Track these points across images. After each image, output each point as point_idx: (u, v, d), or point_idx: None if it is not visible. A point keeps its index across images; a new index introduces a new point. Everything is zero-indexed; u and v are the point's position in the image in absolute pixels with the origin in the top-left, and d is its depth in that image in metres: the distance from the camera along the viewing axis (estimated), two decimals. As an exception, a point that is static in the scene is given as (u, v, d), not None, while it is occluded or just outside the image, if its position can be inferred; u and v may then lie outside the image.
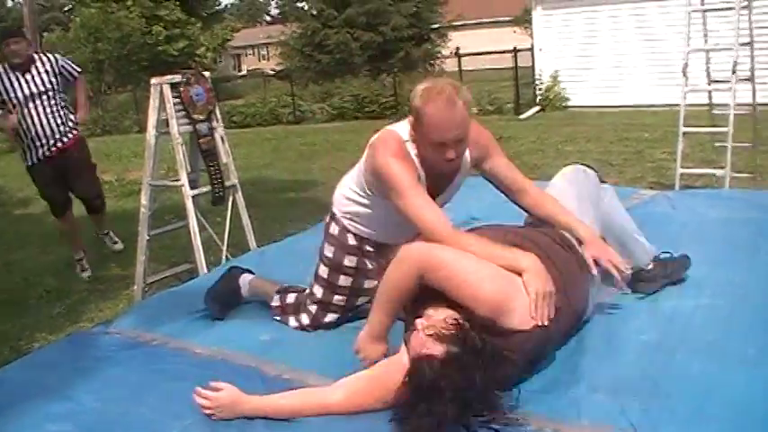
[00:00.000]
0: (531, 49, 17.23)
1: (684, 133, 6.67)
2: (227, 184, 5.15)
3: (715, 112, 7.13)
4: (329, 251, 3.31)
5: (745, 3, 6.42)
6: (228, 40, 36.34)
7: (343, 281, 3.30)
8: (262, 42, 52.05)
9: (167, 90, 4.76)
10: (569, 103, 16.38)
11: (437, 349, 2.35)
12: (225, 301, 3.64)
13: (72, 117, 5.98)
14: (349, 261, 3.28)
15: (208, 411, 2.60)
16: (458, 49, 30.78)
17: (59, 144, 5.85)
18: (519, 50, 18.00)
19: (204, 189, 5.08)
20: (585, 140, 11.54)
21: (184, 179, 4.88)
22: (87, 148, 6.23)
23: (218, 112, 5.12)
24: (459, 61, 30.88)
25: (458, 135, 2.80)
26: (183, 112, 4.85)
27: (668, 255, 3.41)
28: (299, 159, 12.49)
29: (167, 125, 4.84)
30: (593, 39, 15.84)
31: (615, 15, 15.48)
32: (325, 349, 3.17)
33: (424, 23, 27.54)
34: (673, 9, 13.01)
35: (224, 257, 5.11)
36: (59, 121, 5.84)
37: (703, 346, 2.82)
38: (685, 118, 6.65)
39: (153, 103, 4.84)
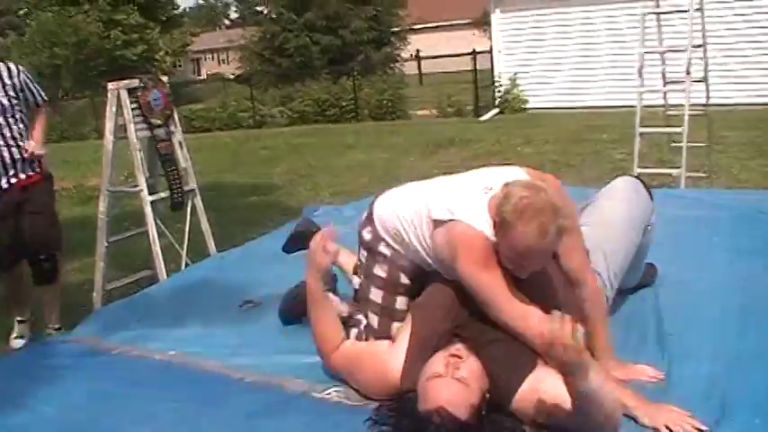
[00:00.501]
0: (491, 52, 17.33)
1: (641, 134, 6.75)
2: (186, 188, 5.11)
3: (670, 112, 7.23)
4: (382, 270, 2.96)
5: (698, 5, 6.53)
6: (188, 44, 36.09)
7: (400, 303, 2.94)
8: (221, 47, 51.83)
9: (125, 95, 4.72)
10: (528, 106, 16.50)
11: (462, 415, 2.27)
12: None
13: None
14: (405, 279, 2.94)
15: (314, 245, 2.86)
16: (418, 51, 30.97)
17: (20, 176, 4.39)
18: (478, 53, 18.10)
19: (163, 194, 5.04)
20: (544, 142, 11.63)
21: (143, 184, 4.84)
22: (52, 189, 4.78)
23: (176, 116, 5.08)
24: (419, 64, 31.07)
25: (539, 264, 2.55)
26: (141, 117, 4.81)
27: None
28: (260, 163, 12.44)
29: (125, 130, 4.80)
30: (552, 41, 15.95)
31: (576, 18, 15.61)
32: (285, 349, 3.17)
33: (383, 27, 27.62)
34: (635, 11, 13.16)
35: (183, 263, 5.08)
36: (18, 151, 4.39)
37: (663, 341, 2.87)
38: (642, 119, 6.74)
39: (110, 108, 4.80)
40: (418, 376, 2.43)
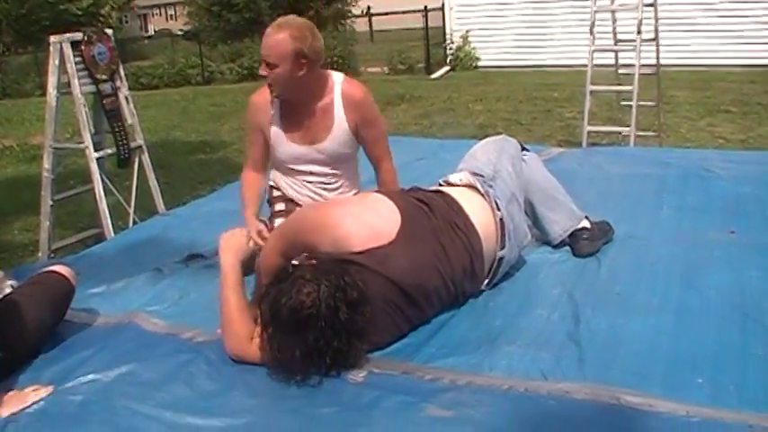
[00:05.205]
0: (442, 9, 17.23)
1: (591, 92, 6.79)
2: (133, 145, 5.02)
3: (621, 71, 7.27)
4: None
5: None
6: (134, -2, 35.29)
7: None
8: (169, 2, 50.86)
9: (68, 48, 4.59)
10: (479, 63, 16.48)
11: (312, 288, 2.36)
12: None
13: None
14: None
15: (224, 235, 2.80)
16: (369, 8, 30.69)
17: None
18: (430, 10, 17.98)
19: (109, 151, 4.95)
20: (495, 100, 11.65)
21: (88, 141, 4.74)
22: None
23: (122, 71, 4.97)
24: (371, 21, 30.81)
25: (265, 56, 3.24)
26: (86, 72, 4.70)
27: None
28: (208, 120, 12.29)
29: (69, 86, 4.68)
30: (503, -1, 15.92)
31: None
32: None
33: (334, -18, 27.25)
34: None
35: (131, 221, 5.00)
36: None
37: (611, 297, 2.89)
38: (593, 77, 6.77)
39: (53, 62, 4.67)
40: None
